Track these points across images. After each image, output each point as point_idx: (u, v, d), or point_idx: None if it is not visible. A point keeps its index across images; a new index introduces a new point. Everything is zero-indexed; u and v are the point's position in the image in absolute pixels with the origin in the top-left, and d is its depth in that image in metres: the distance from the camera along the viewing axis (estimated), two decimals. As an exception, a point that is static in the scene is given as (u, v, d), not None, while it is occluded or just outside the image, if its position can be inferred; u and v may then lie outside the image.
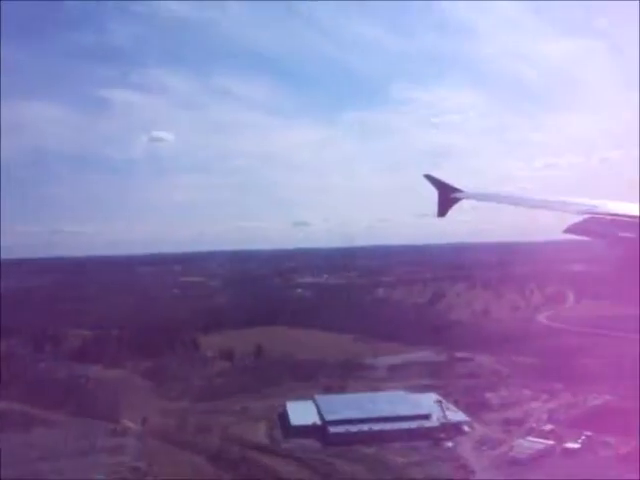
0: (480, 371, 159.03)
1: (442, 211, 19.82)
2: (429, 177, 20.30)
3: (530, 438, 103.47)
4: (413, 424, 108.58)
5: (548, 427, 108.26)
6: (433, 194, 20.00)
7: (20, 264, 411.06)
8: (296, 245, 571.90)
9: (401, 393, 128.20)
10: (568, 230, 11.23)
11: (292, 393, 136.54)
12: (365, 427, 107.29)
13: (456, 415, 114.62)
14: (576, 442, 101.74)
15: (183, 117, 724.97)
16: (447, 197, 19.44)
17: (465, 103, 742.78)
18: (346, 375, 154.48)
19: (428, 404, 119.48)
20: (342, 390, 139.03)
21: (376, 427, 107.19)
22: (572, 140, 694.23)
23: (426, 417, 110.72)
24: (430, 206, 20.88)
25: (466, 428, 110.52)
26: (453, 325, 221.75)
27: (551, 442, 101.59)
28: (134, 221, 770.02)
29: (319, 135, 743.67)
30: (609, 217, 11.17)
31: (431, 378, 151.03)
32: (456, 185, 19.53)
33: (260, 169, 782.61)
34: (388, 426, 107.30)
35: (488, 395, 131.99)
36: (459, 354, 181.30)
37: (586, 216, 11.42)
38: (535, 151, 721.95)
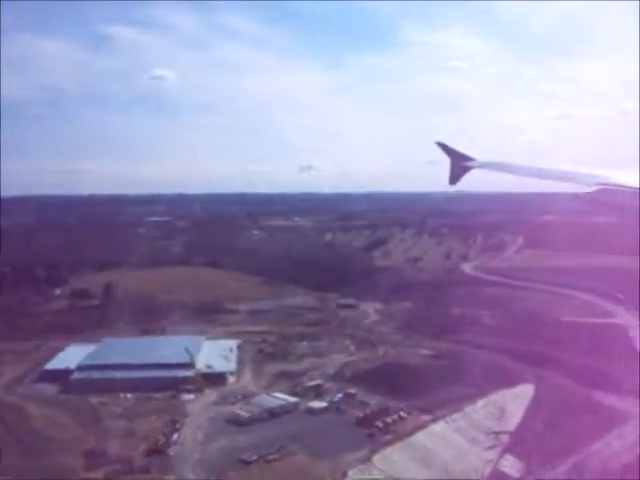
0: (343, 319, 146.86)
1: (454, 179, 19.80)
2: (441, 144, 20.13)
3: (276, 394, 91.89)
4: (171, 372, 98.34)
5: (315, 382, 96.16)
6: (442, 141, 19.73)
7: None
8: (303, 190, 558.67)
9: (197, 338, 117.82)
10: (580, 199, 11.87)
11: (113, 335, 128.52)
12: (117, 374, 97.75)
13: (228, 365, 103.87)
14: (326, 400, 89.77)
15: (186, 55, 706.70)
16: (459, 165, 19.30)
17: (477, 49, 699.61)
18: (198, 318, 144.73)
19: (211, 351, 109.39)
20: (161, 332, 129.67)
21: (131, 374, 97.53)
22: (587, 90, 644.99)
23: (188, 366, 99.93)
24: (439, 153, 20.61)
25: (231, 380, 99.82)
26: (371, 271, 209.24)
27: (295, 399, 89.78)
28: (135, 161, 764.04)
29: (328, 78, 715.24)
30: (619, 188, 11.33)
31: (280, 324, 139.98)
32: (466, 134, 22.01)
33: (267, 111, 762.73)
34: (143, 374, 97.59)
35: (311, 344, 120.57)
36: (346, 301, 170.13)
37: (598, 187, 11.65)
38: (547, 101, 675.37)
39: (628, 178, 11.77)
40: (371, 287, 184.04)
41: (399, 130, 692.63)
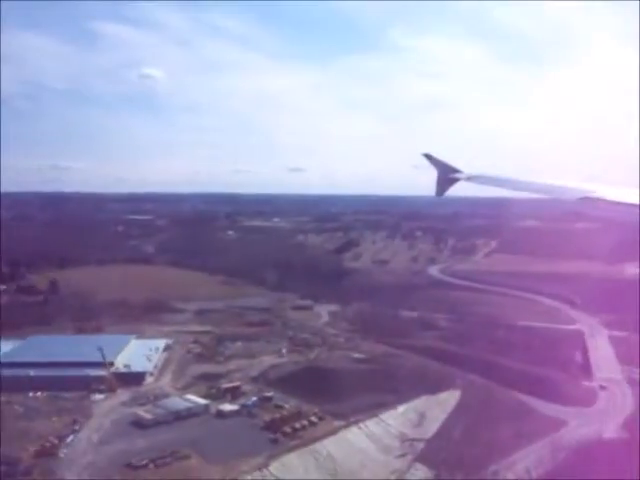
0: (290, 320, 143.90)
1: (440, 190, 19.85)
2: (428, 156, 20.12)
3: (188, 396, 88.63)
4: (86, 372, 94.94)
5: (232, 384, 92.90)
6: (428, 145, 24.05)
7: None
8: (292, 191, 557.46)
9: (125, 337, 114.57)
10: (566, 213, 12.23)
11: (47, 332, 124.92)
12: (32, 372, 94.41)
13: (148, 365, 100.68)
14: (239, 403, 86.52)
15: (175, 54, 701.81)
16: (446, 177, 19.42)
17: (462, 54, 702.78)
18: (141, 317, 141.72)
19: (135, 351, 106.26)
20: (98, 331, 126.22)
21: (46, 372, 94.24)
22: (571, 96, 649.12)
23: (102, 365, 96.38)
24: (423, 158, 20.62)
25: (149, 380, 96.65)
26: (336, 273, 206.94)
27: (205, 402, 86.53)
28: (124, 159, 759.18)
29: (316, 79, 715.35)
30: (604, 202, 11.59)
31: (223, 324, 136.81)
32: (451, 139, 23.22)
33: (256, 112, 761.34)
34: (58, 372, 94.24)
35: (245, 345, 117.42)
36: (303, 302, 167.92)
37: (583, 200, 12.12)
38: (531, 106, 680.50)
39: (613, 193, 11.92)
40: (333, 289, 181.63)
41: (386, 133, 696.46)
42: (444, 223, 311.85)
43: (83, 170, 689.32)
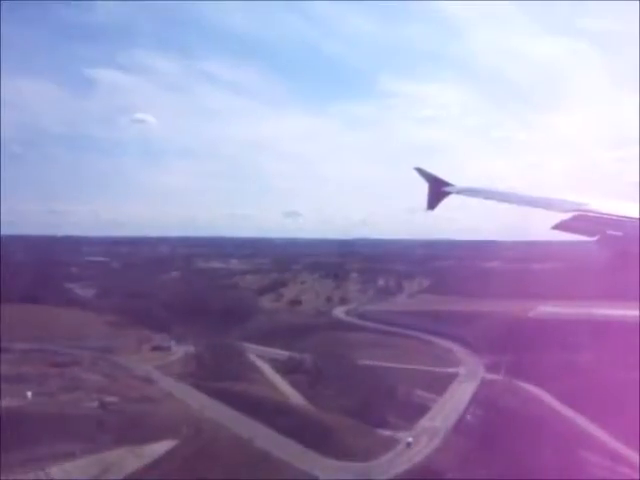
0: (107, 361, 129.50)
1: (431, 204, 19.43)
2: (420, 170, 19.96)
3: None
4: None
5: None
6: (422, 189, 19.67)
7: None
8: (287, 235, 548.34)
9: None
10: (556, 227, 11.29)
11: None
12: None
13: None
14: None
15: (167, 100, 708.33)
16: (437, 191, 19.26)
17: (452, 99, 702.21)
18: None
19: None
20: None
21: None
22: (560, 141, 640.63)
23: None
24: (420, 201, 20.17)
25: None
26: (236, 314, 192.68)
27: None
28: (118, 203, 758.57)
29: (309, 125, 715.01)
30: (596, 215, 11.40)
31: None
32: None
33: (250, 157, 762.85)
34: None
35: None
36: (165, 343, 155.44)
37: (573, 214, 11.67)
38: (521, 150, 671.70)
39: (607, 205, 11.66)
40: (215, 329, 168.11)
41: (379, 177, 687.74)
42: (404, 265, 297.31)
43: (80, 213, 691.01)
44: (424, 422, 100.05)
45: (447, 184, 19.10)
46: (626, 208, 10.97)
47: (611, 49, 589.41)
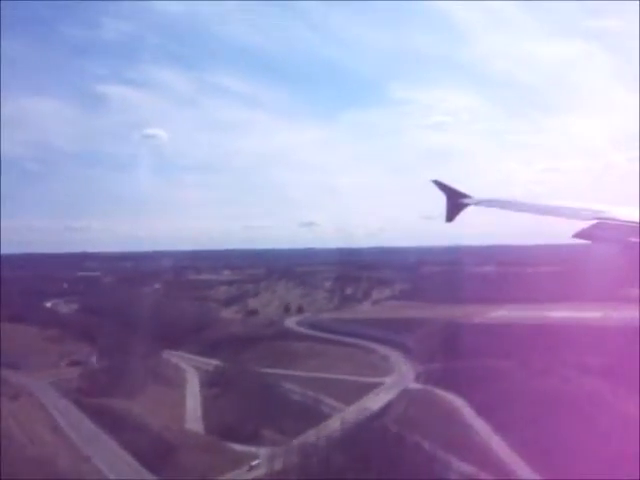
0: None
1: (450, 217, 19.07)
2: (437, 182, 19.44)
3: None
4: None
5: None
6: (436, 196, 19.38)
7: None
8: (305, 245, 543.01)
9: None
10: (577, 235, 11.13)
11: None
12: None
13: None
14: None
15: (178, 114, 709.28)
16: (455, 202, 18.89)
17: (463, 105, 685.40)
18: None
19: None
20: None
21: None
22: (573, 144, 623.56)
23: None
24: (433, 208, 18.70)
25: None
26: (191, 326, 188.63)
27: None
28: (134, 218, 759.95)
29: (322, 135, 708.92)
30: (617, 223, 11.34)
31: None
32: (459, 187, 18.98)
33: (264, 169, 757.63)
34: None
35: None
36: (82, 358, 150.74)
37: (595, 221, 11.55)
38: (536, 154, 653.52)
39: (626, 212, 11.56)
40: (158, 342, 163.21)
41: (393, 185, 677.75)
42: (390, 272, 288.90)
43: (98, 230, 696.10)
44: (303, 438, 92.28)
45: (465, 196, 18.84)
46: None
47: (620, 48, 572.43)
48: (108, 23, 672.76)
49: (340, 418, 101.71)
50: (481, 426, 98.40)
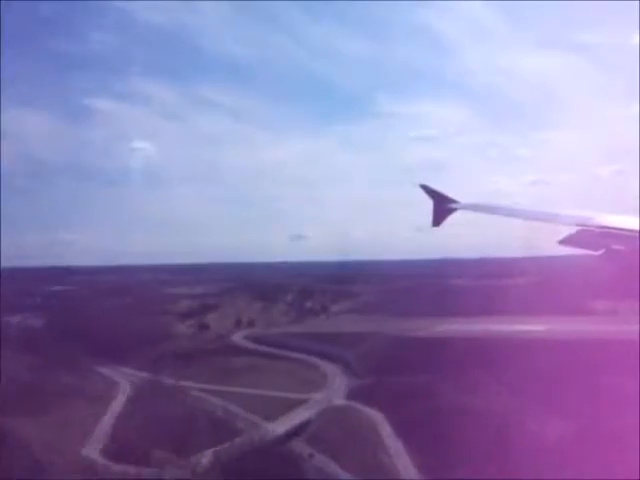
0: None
1: (437, 221, 19.47)
2: (424, 187, 19.86)
3: None
4: None
5: None
6: (425, 209, 19.52)
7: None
8: (295, 259, 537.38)
9: None
10: (562, 242, 11.36)
11: None
12: None
13: None
14: None
15: (165, 128, 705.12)
16: (442, 207, 19.25)
17: (450, 118, 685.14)
18: None
19: None
20: None
21: None
22: (560, 157, 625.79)
23: None
24: (423, 220, 19.82)
25: None
26: (137, 340, 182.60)
27: None
28: (124, 232, 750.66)
29: (309, 148, 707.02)
30: (602, 229, 11.36)
31: None
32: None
33: (251, 182, 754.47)
34: None
35: None
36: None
37: (579, 228, 11.69)
38: (522, 167, 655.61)
39: (611, 219, 11.53)
40: (103, 358, 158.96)
41: (382, 197, 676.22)
42: (361, 285, 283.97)
43: (84, 244, 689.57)
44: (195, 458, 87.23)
45: (452, 201, 19.07)
46: (630, 222, 10.82)
47: (605, 62, 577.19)
48: (95, 36, 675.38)
49: (249, 437, 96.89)
50: (394, 444, 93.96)
